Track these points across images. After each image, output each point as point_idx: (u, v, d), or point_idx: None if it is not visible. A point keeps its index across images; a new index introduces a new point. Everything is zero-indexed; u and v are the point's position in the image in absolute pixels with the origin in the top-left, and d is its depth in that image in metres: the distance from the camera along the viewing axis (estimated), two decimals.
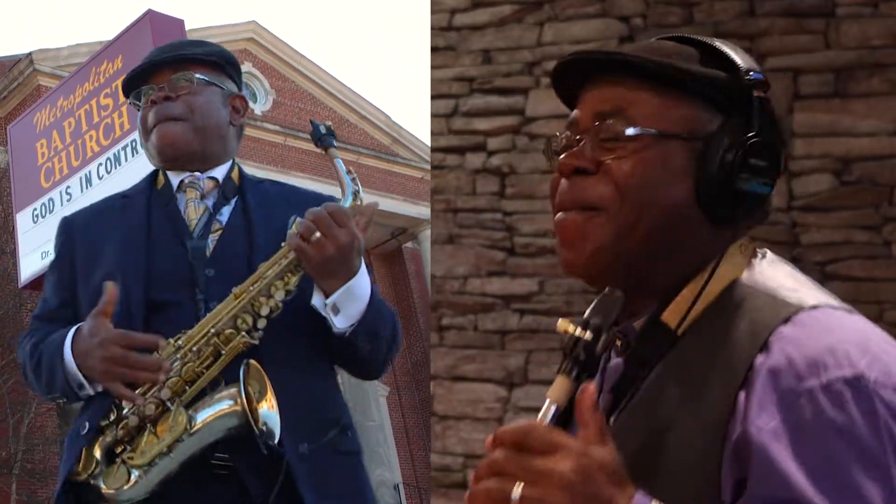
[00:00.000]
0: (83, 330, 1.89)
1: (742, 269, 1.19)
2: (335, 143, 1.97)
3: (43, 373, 1.98)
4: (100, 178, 6.12)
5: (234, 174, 2.13)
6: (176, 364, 1.82)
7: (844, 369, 1.05)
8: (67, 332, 1.94)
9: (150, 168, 2.17)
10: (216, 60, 2.15)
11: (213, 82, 2.11)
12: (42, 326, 2.07)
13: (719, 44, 1.22)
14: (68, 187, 6.35)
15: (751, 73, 1.18)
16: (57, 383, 1.95)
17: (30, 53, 16.58)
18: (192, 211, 2.05)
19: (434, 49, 3.93)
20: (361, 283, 1.88)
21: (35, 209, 6.55)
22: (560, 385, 1.16)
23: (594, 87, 1.25)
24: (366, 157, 18.54)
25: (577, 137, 1.23)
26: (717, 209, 1.18)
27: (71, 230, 2.13)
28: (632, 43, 3.74)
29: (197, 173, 2.08)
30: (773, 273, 1.18)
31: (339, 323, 1.87)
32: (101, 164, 6.13)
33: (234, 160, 2.16)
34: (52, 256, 2.19)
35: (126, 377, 1.80)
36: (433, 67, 3.93)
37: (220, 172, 2.11)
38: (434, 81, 3.92)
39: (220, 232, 2.03)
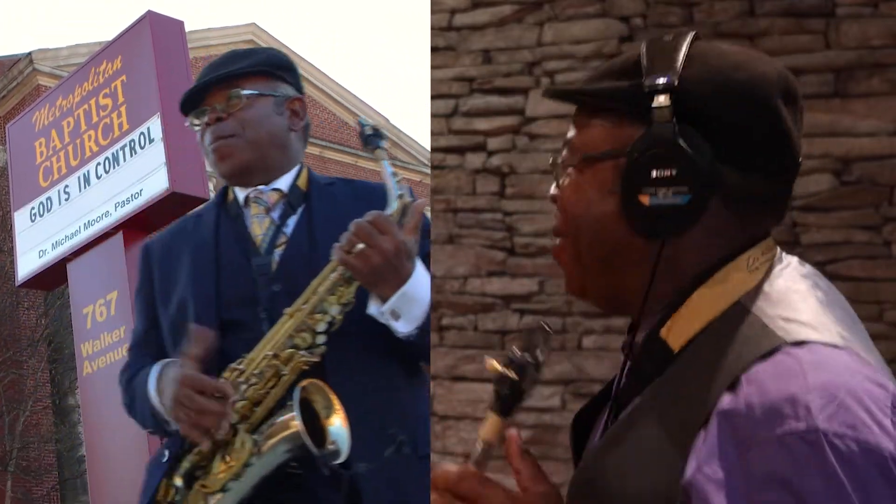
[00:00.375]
0: (169, 368, 1.93)
1: (748, 286, 1.16)
2: (383, 145, 1.96)
3: (137, 410, 2.03)
4: (98, 178, 6.13)
5: (302, 180, 2.13)
6: (242, 387, 1.82)
7: (800, 422, 1.02)
8: (153, 368, 1.98)
9: (149, 167, 2.19)
10: (265, 70, 2.14)
11: (263, 93, 2.11)
12: (134, 358, 2.12)
13: (646, 48, 1.20)
14: (66, 186, 6.35)
15: (651, 80, 1.15)
16: (147, 419, 2.00)
17: (29, 53, 16.59)
18: (257, 226, 2.06)
19: (434, 49, 3.93)
20: (418, 285, 1.86)
21: (33, 208, 6.55)
22: (490, 424, 1.26)
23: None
24: (364, 160, 18.59)
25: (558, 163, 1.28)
26: (636, 225, 1.17)
27: (149, 256, 2.16)
28: (631, 43, 3.74)
29: (261, 187, 2.09)
30: (783, 292, 1.15)
31: (402, 327, 1.87)
32: (99, 164, 6.14)
33: (301, 165, 2.16)
34: (49, 255, 2.23)
35: (192, 419, 1.81)
36: (433, 67, 3.93)
37: (285, 182, 2.11)
38: (434, 81, 3.92)
39: (284, 245, 2.03)
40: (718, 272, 1.17)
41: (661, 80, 1.15)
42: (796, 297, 1.14)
